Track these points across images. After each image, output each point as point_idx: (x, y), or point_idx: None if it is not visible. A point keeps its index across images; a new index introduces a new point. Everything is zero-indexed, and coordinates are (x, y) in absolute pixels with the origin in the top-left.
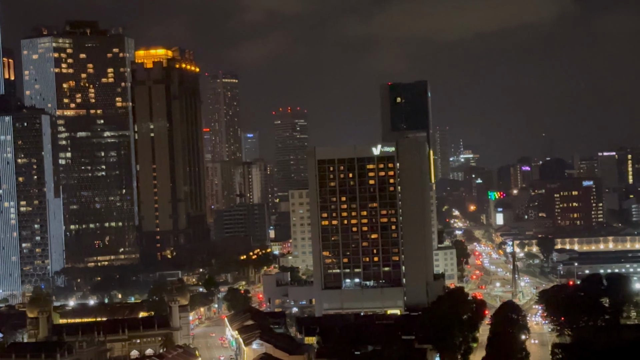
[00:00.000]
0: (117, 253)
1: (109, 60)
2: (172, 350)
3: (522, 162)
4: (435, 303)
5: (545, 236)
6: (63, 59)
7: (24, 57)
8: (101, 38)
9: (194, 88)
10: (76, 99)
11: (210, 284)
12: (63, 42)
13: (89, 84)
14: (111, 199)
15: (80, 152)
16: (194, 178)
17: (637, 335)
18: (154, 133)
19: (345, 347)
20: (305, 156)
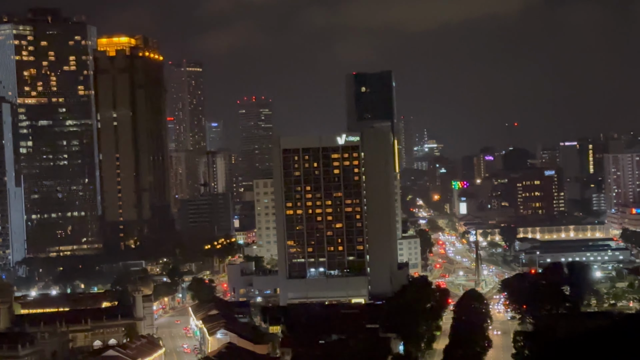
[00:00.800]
0: (79, 243)
1: (71, 48)
2: (136, 340)
3: (485, 152)
4: (399, 292)
5: (507, 225)
6: (24, 47)
7: None
8: (63, 25)
9: (158, 77)
10: (37, 87)
11: (174, 274)
12: (24, 29)
13: (50, 72)
14: (74, 189)
15: (41, 141)
16: (157, 167)
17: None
18: (117, 122)
19: (309, 336)
20: (270, 145)
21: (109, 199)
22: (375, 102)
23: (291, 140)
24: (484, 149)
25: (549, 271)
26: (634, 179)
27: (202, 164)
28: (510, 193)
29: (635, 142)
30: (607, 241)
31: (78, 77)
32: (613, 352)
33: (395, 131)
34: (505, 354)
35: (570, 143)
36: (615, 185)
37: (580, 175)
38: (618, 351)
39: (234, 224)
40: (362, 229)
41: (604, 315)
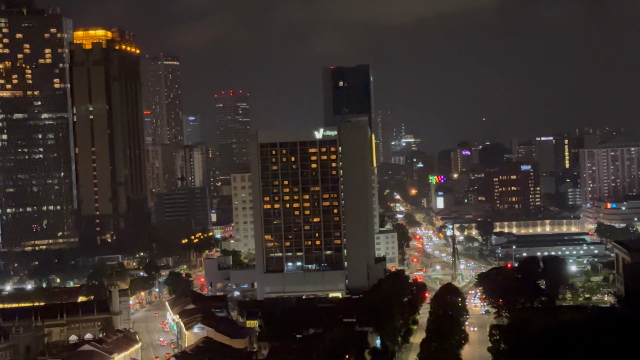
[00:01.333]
0: (55, 237)
1: (47, 40)
2: (112, 335)
3: (462, 146)
4: (376, 286)
5: (484, 220)
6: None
7: None
8: (38, 18)
9: (134, 70)
10: (12, 80)
11: (150, 268)
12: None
13: (25, 65)
14: (49, 182)
15: (16, 134)
16: (134, 161)
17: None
18: (93, 115)
19: (287, 330)
20: (248, 140)
21: (84, 192)
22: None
23: (269, 135)
24: (461, 144)
25: (525, 265)
26: (609, 173)
27: (179, 157)
28: (486, 187)
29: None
30: (583, 235)
31: (53, 70)
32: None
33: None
34: (481, 348)
35: (546, 138)
36: (590, 180)
37: (556, 170)
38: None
39: (211, 218)
40: (339, 223)
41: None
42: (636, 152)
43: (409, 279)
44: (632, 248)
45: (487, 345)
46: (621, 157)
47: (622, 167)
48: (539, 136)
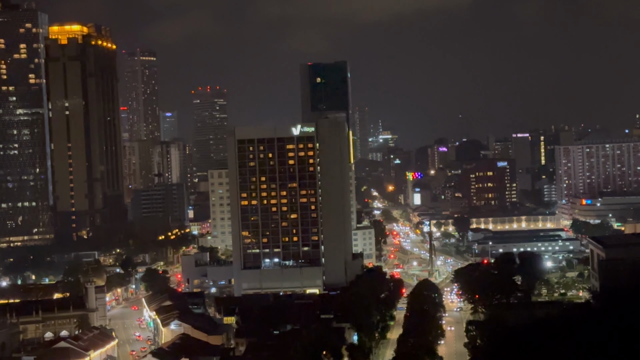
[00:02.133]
0: (30, 233)
1: (22, 35)
2: (88, 332)
3: (439, 143)
4: (353, 282)
5: (461, 216)
6: None
7: None
8: (13, 12)
9: (111, 65)
10: None
11: (127, 265)
12: None
13: (0, 60)
14: (24, 178)
15: None
16: (110, 157)
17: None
18: (69, 111)
19: (264, 326)
20: (225, 136)
21: (60, 189)
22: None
23: (246, 131)
24: (438, 140)
25: (501, 261)
26: (584, 170)
27: (156, 154)
28: (463, 184)
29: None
30: (558, 232)
31: (29, 65)
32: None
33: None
34: (458, 344)
35: (523, 135)
36: (566, 177)
37: (532, 167)
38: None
39: (188, 215)
40: (316, 219)
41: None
42: (611, 148)
43: (386, 275)
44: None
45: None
46: (596, 154)
47: (597, 163)
48: (515, 133)
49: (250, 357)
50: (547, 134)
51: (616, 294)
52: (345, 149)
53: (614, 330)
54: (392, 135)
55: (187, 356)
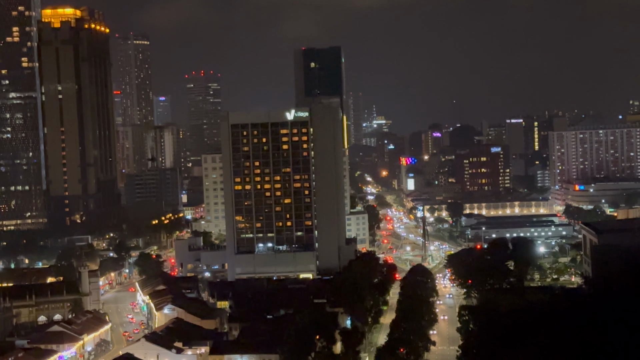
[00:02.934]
0: (23, 217)
1: (14, 18)
2: (82, 316)
3: (433, 128)
4: (346, 267)
5: (454, 201)
6: None
7: None
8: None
9: (104, 49)
10: None
11: (120, 249)
12: None
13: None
14: (17, 162)
15: None
16: (104, 142)
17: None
18: (62, 95)
19: (257, 311)
20: (219, 120)
21: (53, 173)
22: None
23: (240, 116)
24: (432, 126)
25: (494, 246)
26: (578, 156)
27: (150, 138)
28: (457, 169)
29: (579, 120)
30: (551, 217)
31: (21, 48)
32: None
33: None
34: (451, 328)
35: (516, 120)
36: (559, 162)
37: (526, 152)
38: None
39: (181, 199)
40: (310, 204)
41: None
42: (604, 134)
43: (380, 260)
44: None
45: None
46: (589, 140)
47: (591, 149)
48: (508, 118)
49: (243, 341)
50: (540, 120)
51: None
52: (339, 134)
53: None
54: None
55: (181, 340)
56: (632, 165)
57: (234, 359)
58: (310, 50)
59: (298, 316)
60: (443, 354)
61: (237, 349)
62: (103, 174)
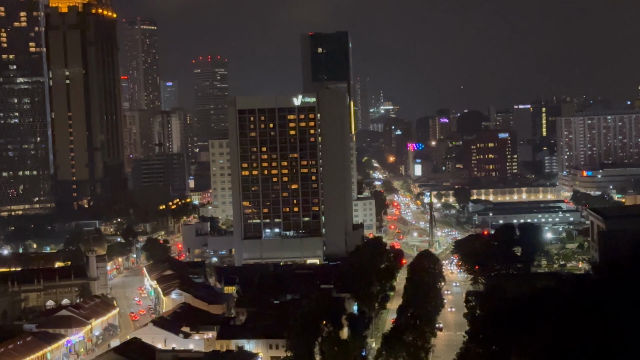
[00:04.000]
0: (31, 202)
1: (22, 3)
2: (89, 300)
3: (440, 114)
4: (353, 253)
5: (461, 187)
6: None
7: None
8: None
9: (111, 34)
10: None
11: (128, 234)
12: None
13: (0, 28)
14: (25, 147)
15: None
16: (111, 126)
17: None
18: (69, 80)
19: (264, 296)
20: (226, 106)
21: (61, 157)
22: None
23: (247, 101)
24: (439, 111)
25: (501, 232)
26: (585, 142)
27: (157, 123)
28: (464, 155)
29: (587, 106)
30: (558, 203)
31: (29, 33)
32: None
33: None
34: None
35: (524, 106)
36: (567, 148)
37: (533, 138)
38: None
39: (188, 185)
40: (317, 190)
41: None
42: (612, 120)
43: (386, 246)
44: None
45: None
46: (598, 126)
47: (599, 135)
48: (516, 104)
49: (250, 326)
50: (548, 106)
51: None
52: (346, 119)
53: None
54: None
55: (188, 325)
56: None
57: (241, 343)
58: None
59: (305, 301)
60: (449, 340)
61: (244, 334)
62: (110, 158)
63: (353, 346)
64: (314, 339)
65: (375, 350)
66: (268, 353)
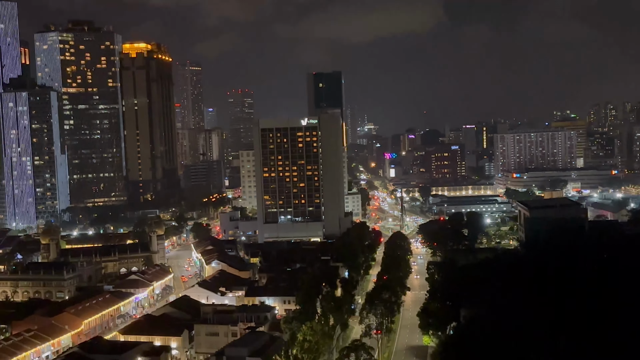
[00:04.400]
0: (109, 196)
1: (102, 50)
2: (151, 268)
3: (408, 131)
4: (345, 233)
5: (424, 185)
6: (67, 49)
7: (37, 48)
8: (96, 34)
9: (168, 73)
10: (77, 80)
11: (180, 219)
12: (66, 37)
13: (87, 69)
14: (104, 156)
15: (80, 120)
16: (167, 141)
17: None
18: (137, 107)
19: (280, 265)
20: (252, 126)
21: (131, 163)
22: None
23: (267, 122)
24: (407, 130)
25: (453, 218)
26: (515, 152)
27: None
28: (426, 162)
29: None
30: (495, 197)
31: (107, 72)
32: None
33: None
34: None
35: (470, 126)
36: (501, 157)
37: (477, 149)
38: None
39: (224, 183)
40: (318, 187)
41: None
42: (535, 136)
43: (369, 228)
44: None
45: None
46: (524, 140)
47: (525, 147)
48: (464, 124)
49: (269, 287)
50: (488, 126)
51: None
52: (340, 136)
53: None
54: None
55: (224, 286)
56: (555, 159)
57: (262, 299)
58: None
59: (309, 269)
60: (415, 297)
61: (265, 293)
62: (167, 164)
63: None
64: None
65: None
66: (282, 307)
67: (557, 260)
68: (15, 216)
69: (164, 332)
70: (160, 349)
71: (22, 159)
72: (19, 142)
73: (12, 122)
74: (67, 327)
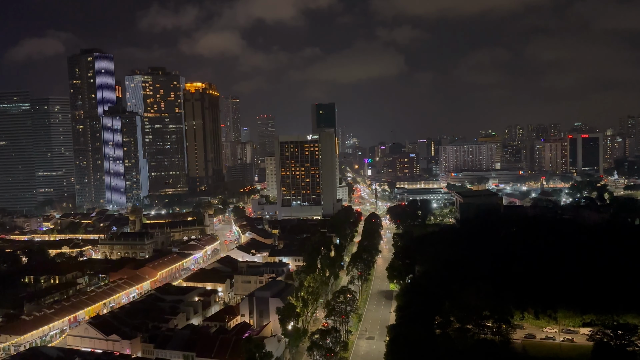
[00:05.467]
0: (176, 187)
1: (171, 88)
2: (205, 237)
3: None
4: (337, 213)
5: (391, 181)
6: (147, 87)
7: (127, 85)
8: (167, 76)
9: (216, 103)
10: (154, 108)
11: (224, 204)
12: (147, 78)
13: (160, 100)
14: (173, 159)
15: (156, 136)
16: (215, 149)
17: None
18: (195, 126)
19: (292, 235)
20: (273, 140)
21: (191, 165)
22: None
23: (284, 137)
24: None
25: (411, 203)
26: (453, 159)
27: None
28: (393, 165)
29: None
30: (439, 189)
31: (175, 103)
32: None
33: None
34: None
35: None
36: (444, 162)
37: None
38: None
39: (255, 179)
40: (319, 182)
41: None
42: (468, 148)
43: (354, 210)
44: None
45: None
46: (460, 151)
47: (460, 156)
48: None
49: (285, 250)
50: (435, 140)
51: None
52: (334, 147)
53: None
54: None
55: (254, 249)
56: (480, 163)
57: (280, 258)
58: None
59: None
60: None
61: (282, 254)
62: (216, 166)
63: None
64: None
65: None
66: (294, 263)
67: (481, 232)
68: (111, 201)
69: (213, 280)
70: (211, 291)
71: (116, 162)
72: (114, 150)
73: (110, 136)
74: (147, 277)
